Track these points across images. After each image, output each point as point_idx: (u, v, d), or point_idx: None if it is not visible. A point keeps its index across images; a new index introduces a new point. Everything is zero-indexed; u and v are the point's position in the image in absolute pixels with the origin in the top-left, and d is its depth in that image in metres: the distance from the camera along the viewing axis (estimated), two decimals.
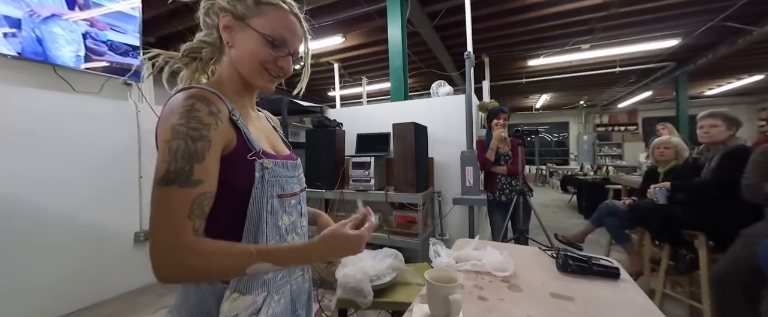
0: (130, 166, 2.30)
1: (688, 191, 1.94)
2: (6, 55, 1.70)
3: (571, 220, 4.90)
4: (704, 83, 8.11)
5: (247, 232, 0.59)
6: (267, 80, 0.61)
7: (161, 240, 0.46)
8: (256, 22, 0.58)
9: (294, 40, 0.62)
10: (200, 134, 0.50)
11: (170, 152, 0.49)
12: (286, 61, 0.61)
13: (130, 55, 2.21)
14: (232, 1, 0.58)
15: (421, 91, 7.54)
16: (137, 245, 2.34)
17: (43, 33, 1.80)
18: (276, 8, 0.59)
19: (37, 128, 1.87)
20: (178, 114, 0.51)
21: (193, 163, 0.49)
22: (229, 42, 0.59)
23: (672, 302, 2.12)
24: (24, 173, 1.82)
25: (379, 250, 1.36)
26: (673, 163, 2.34)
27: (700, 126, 1.96)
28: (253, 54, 0.58)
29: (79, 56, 1.95)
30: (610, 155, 10.21)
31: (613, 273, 0.99)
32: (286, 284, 0.65)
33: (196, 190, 0.49)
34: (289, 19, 0.61)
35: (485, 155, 2.44)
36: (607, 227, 2.48)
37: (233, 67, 0.61)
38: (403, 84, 3.33)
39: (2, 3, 1.67)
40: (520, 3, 3.97)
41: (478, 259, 1.00)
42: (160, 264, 0.46)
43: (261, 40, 0.58)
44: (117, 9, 2.13)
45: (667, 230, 1.97)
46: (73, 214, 1.98)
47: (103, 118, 2.16)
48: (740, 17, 4.13)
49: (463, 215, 2.43)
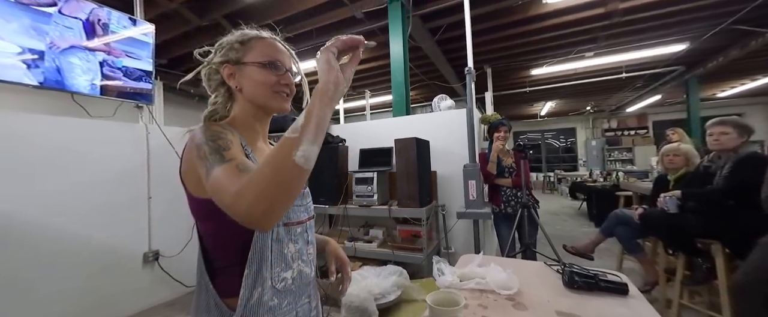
0: (139, 187, 2.36)
1: (699, 199, 1.88)
2: (29, 84, 1.77)
3: (581, 228, 4.77)
4: (716, 85, 7.87)
5: (252, 259, 0.60)
6: (281, 100, 0.67)
7: (225, 189, 0.48)
8: (250, 57, 0.65)
9: (284, 58, 0.68)
10: (219, 136, 0.58)
11: (203, 158, 0.55)
12: (287, 78, 0.67)
13: (143, 80, 2.28)
14: (224, 54, 0.66)
15: (424, 102, 7.58)
16: (146, 265, 2.37)
17: (62, 63, 1.89)
18: (258, 39, 0.67)
19: (55, 154, 1.94)
20: (200, 136, 0.58)
21: (222, 152, 0.55)
22: (238, 86, 0.66)
23: (690, 313, 2.03)
24: (43, 197, 1.88)
25: (384, 267, 1.35)
26: (684, 170, 2.28)
27: (709, 134, 1.92)
28: (260, 82, 0.65)
29: (94, 85, 2.03)
30: (621, 160, 9.97)
31: (622, 289, 0.96)
32: (291, 311, 0.66)
33: (234, 162, 0.52)
34: (273, 43, 0.68)
35: (487, 168, 2.42)
36: (618, 237, 2.41)
37: (244, 104, 0.68)
38: (405, 99, 3.35)
39: (27, 36, 1.75)
40: (521, 16, 4.00)
41: (482, 277, 0.98)
42: (241, 204, 0.45)
43: (260, 68, 0.65)
44: (130, 35, 2.21)
45: (680, 240, 1.91)
46: (86, 235, 2.03)
47: (116, 141, 2.23)
48: (750, 20, 4.03)
49: (468, 229, 2.40)
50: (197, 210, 0.63)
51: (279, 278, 0.63)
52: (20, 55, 1.71)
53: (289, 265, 0.65)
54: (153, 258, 2.39)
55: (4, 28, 1.68)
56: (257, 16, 3.93)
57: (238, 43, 0.66)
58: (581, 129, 11.49)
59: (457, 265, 1.16)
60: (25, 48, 1.74)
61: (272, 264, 0.62)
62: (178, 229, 2.58)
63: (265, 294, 0.61)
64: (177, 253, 2.54)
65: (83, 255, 2.02)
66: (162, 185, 2.47)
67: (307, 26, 4.08)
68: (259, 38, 0.67)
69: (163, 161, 2.48)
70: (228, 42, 0.67)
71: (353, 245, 2.37)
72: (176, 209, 2.58)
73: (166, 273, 2.45)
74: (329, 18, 3.89)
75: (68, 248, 1.96)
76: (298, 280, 0.67)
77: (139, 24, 2.27)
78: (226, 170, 0.51)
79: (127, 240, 2.27)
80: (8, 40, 1.69)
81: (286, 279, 0.65)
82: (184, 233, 2.62)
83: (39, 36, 1.79)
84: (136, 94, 2.25)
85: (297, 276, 0.67)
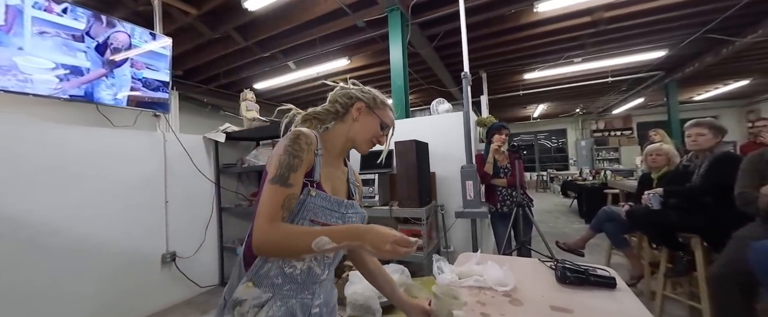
0: (157, 192, 2.38)
1: (679, 196, 1.92)
2: (60, 97, 1.81)
3: (572, 225, 4.81)
4: (693, 88, 8.06)
5: None
6: (369, 146, 0.85)
7: (263, 217, 0.63)
8: (379, 112, 0.84)
9: (392, 124, 0.88)
10: (297, 154, 0.70)
11: (279, 162, 0.69)
12: (384, 137, 0.86)
13: (161, 90, 2.32)
14: (368, 98, 0.84)
15: (423, 105, 7.59)
16: (164, 266, 2.40)
17: (90, 77, 1.92)
18: (388, 108, 0.88)
19: (85, 162, 1.98)
20: (289, 140, 0.71)
21: (290, 172, 0.68)
22: (356, 118, 0.83)
23: (672, 303, 2.08)
24: (74, 202, 1.92)
25: (386, 266, 1.37)
26: (666, 169, 2.32)
27: (687, 135, 1.96)
28: (372, 130, 0.83)
29: (118, 96, 2.07)
30: (608, 159, 10.02)
31: (610, 283, 1.00)
32: (291, 297, 0.71)
33: (288, 191, 0.67)
34: (392, 113, 0.89)
35: (484, 169, 2.45)
36: (607, 232, 2.45)
37: (344, 131, 0.83)
38: (404, 103, 3.39)
39: (60, 52, 1.79)
40: (514, 24, 4.04)
41: (480, 275, 1.01)
42: (260, 237, 0.62)
43: (379, 122, 0.84)
44: (150, 48, 2.24)
45: (663, 235, 1.95)
46: (106, 239, 2.06)
47: (136, 148, 2.26)
48: (723, 29, 4.13)
49: (466, 228, 2.42)
50: (260, 187, 0.74)
51: (290, 264, 0.71)
52: (53, 71, 1.76)
53: (302, 257, 0.72)
54: (170, 259, 2.41)
55: (40, 45, 1.72)
56: (265, 27, 3.96)
57: (381, 101, 0.86)
58: (571, 130, 11.55)
59: (455, 263, 1.19)
60: (58, 64, 1.78)
61: None
62: (193, 232, 2.61)
63: (273, 270, 0.70)
64: (192, 254, 2.57)
65: (106, 257, 2.05)
66: (178, 189, 2.50)
67: (312, 35, 4.11)
68: (390, 110, 0.88)
69: (178, 166, 2.52)
70: (374, 95, 0.86)
71: None
72: (191, 212, 2.62)
73: (183, 273, 2.48)
74: (332, 27, 3.93)
75: (93, 250, 2.00)
76: (305, 274, 0.73)
77: (158, 38, 2.30)
78: (279, 195, 0.66)
79: (146, 242, 2.29)
80: (44, 57, 1.74)
81: (295, 267, 0.72)
82: (199, 236, 2.65)
83: (70, 52, 1.83)
84: (154, 103, 2.28)
85: (305, 270, 0.73)
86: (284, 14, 3.72)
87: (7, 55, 1.65)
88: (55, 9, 1.79)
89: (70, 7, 1.85)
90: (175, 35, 2.66)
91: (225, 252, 2.86)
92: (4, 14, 1.63)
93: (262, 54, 4.57)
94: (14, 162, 1.71)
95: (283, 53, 4.72)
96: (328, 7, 3.47)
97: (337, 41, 4.26)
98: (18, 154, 1.72)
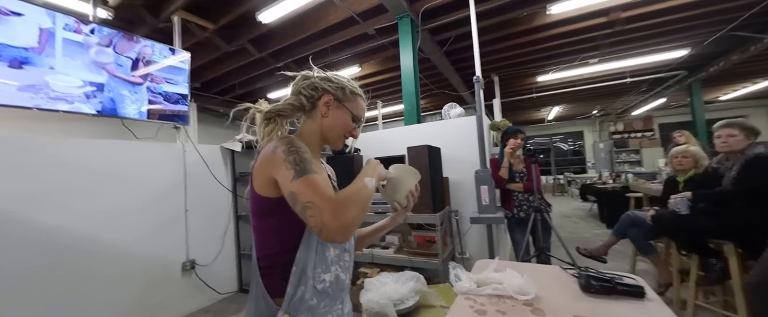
0: (177, 201, 2.45)
1: (710, 200, 1.83)
2: (88, 113, 1.91)
3: (592, 230, 4.63)
4: (719, 88, 7.67)
5: (299, 258, 0.66)
6: (342, 142, 0.80)
7: (326, 206, 0.57)
8: (349, 105, 0.78)
9: (363, 115, 0.82)
10: (303, 150, 0.66)
11: (292, 162, 0.63)
12: (357, 130, 0.81)
13: (180, 103, 2.40)
14: (336, 89, 0.77)
15: (434, 110, 7.58)
16: (184, 274, 2.45)
17: (115, 94, 2.03)
18: (360, 98, 0.81)
19: (111, 173, 2.07)
20: (283, 147, 0.66)
21: (309, 165, 0.63)
22: (325, 114, 0.77)
23: (705, 313, 1.95)
24: (101, 212, 2.00)
25: (402, 273, 1.35)
26: (693, 172, 2.22)
27: (717, 136, 1.87)
28: (344, 125, 0.78)
29: (141, 111, 2.16)
30: (629, 162, 9.65)
31: (638, 292, 0.95)
32: (327, 313, 0.70)
33: (320, 176, 0.63)
34: (364, 106, 0.83)
35: (499, 174, 2.39)
36: (631, 238, 2.35)
37: (315, 128, 0.78)
38: (415, 108, 3.37)
39: (88, 70, 1.90)
40: (526, 26, 3.99)
41: (499, 282, 0.98)
42: (336, 223, 0.56)
43: (350, 116, 0.78)
44: (169, 63, 2.34)
45: (693, 241, 1.85)
46: (130, 248, 2.13)
47: (157, 159, 2.34)
48: (749, 27, 3.94)
49: (481, 233, 2.37)
50: (258, 208, 0.69)
51: (319, 279, 0.68)
52: (82, 88, 1.86)
53: (328, 268, 0.70)
54: (190, 267, 2.47)
55: (70, 64, 1.83)
56: (278, 38, 4.06)
57: (350, 91, 0.78)
58: (588, 132, 11.21)
59: (473, 270, 1.16)
60: (86, 82, 1.89)
61: (316, 264, 0.67)
62: (211, 240, 2.67)
63: (307, 292, 0.66)
64: (211, 262, 2.62)
65: (130, 264, 2.12)
66: (197, 198, 2.57)
67: (323, 44, 4.18)
68: (361, 97, 0.81)
69: (197, 176, 2.59)
70: (342, 84, 0.78)
71: (371, 251, 2.37)
72: (209, 220, 2.68)
73: (202, 280, 2.53)
74: (343, 36, 3.98)
75: (119, 256, 2.07)
76: (334, 285, 0.71)
77: (177, 53, 2.39)
78: (318, 180, 0.61)
79: (168, 250, 2.36)
80: (73, 76, 1.85)
81: (325, 280, 0.69)
82: (217, 244, 2.71)
83: (98, 70, 1.93)
84: (174, 116, 2.37)
85: (334, 280, 0.71)
86: (296, 25, 3.80)
87: (40, 75, 1.75)
88: (83, 30, 1.90)
89: (96, 28, 1.95)
90: (192, 49, 2.75)
91: (242, 259, 2.90)
92: (38, 36, 1.74)
93: (276, 64, 4.68)
94: (48, 176, 1.81)
95: (295, 63, 4.82)
96: (339, 16, 3.52)
97: (348, 49, 4.32)
98: (51, 168, 1.83)
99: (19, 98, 1.69)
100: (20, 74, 1.69)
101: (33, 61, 1.73)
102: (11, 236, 1.66)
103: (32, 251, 1.72)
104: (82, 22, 1.90)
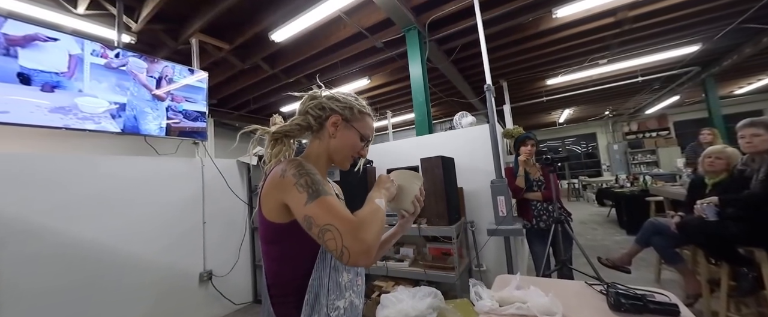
0: (196, 213, 2.50)
1: (738, 205, 1.71)
2: (113, 132, 1.98)
3: (612, 237, 4.43)
4: (734, 82, 7.38)
5: (312, 285, 0.64)
6: (350, 162, 0.78)
7: (346, 228, 0.55)
8: (358, 125, 0.76)
9: (372, 134, 0.81)
10: (313, 172, 0.64)
11: (304, 184, 0.61)
12: (366, 150, 0.79)
13: (199, 120, 2.46)
14: (343, 109, 0.75)
15: (444, 118, 7.52)
16: (201, 284, 2.49)
17: (138, 112, 2.10)
18: (368, 116, 0.79)
19: (135, 188, 2.14)
20: (292, 170, 0.64)
21: (321, 186, 0.61)
22: (333, 134, 0.75)
23: None
24: (120, 226, 2.06)
25: (418, 289, 1.32)
26: (724, 174, 2.01)
27: (741, 136, 1.77)
28: (353, 146, 0.76)
29: (161, 127, 2.23)
30: (645, 163, 9.32)
31: (672, 310, 0.89)
32: None
33: (334, 197, 0.61)
34: (373, 126, 0.81)
35: (515, 183, 2.32)
36: (655, 247, 2.23)
37: (323, 149, 0.76)
38: (427, 118, 3.35)
39: (113, 92, 1.98)
40: (533, 31, 3.94)
41: (522, 301, 0.94)
42: (358, 246, 0.54)
43: (358, 136, 0.76)
44: (188, 83, 2.41)
45: (722, 249, 1.74)
46: (152, 259, 2.18)
47: (177, 174, 2.40)
48: (760, 18, 3.78)
49: (499, 245, 2.28)
50: (268, 234, 0.67)
51: (334, 306, 0.66)
52: (107, 108, 1.95)
53: (343, 294, 0.67)
54: (207, 278, 2.49)
55: (97, 87, 1.91)
56: (290, 55, 4.15)
57: (358, 110, 0.76)
58: (601, 134, 10.91)
59: (493, 287, 1.12)
60: (112, 101, 1.97)
61: (329, 290, 0.65)
62: (228, 251, 2.71)
63: None
64: (227, 273, 2.64)
65: (151, 274, 2.17)
66: (214, 210, 2.61)
67: (333, 59, 4.24)
68: (369, 116, 0.80)
69: (215, 189, 2.64)
70: (350, 103, 0.76)
71: (385, 264, 2.32)
72: (226, 232, 2.72)
73: (218, 291, 2.55)
74: (352, 50, 4.03)
75: (140, 267, 2.12)
76: (349, 311, 0.69)
77: (195, 72, 2.47)
78: (334, 202, 0.59)
79: (186, 261, 2.40)
80: (100, 97, 1.93)
81: (340, 307, 0.67)
82: (233, 255, 2.73)
83: (122, 91, 2.01)
84: (193, 132, 2.43)
85: (348, 306, 0.69)
86: (307, 42, 3.88)
87: (69, 98, 1.84)
88: (109, 55, 1.98)
89: (121, 52, 2.04)
90: (209, 68, 2.84)
91: (257, 270, 2.91)
92: (68, 62, 1.82)
93: (288, 80, 4.77)
94: (78, 192, 1.89)
95: (306, 78, 4.90)
96: (348, 32, 3.58)
97: (358, 63, 4.37)
98: (81, 185, 1.91)
99: (49, 119, 1.78)
100: (52, 97, 1.78)
101: (63, 85, 1.81)
102: (43, 250, 1.73)
103: (63, 264, 1.78)
104: (108, 47, 1.99)
